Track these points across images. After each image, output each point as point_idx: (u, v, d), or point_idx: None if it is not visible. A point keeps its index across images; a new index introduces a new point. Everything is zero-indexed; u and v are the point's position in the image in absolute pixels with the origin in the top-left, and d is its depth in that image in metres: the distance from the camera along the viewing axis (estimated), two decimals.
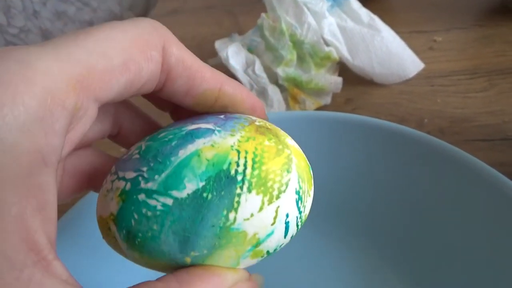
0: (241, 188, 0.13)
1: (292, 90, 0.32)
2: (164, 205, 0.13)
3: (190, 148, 0.13)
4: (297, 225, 0.15)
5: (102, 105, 0.13)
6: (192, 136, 0.14)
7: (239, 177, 0.13)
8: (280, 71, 0.32)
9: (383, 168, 0.25)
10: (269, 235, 0.14)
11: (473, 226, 0.22)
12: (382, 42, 0.33)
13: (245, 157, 0.13)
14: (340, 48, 0.33)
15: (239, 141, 0.14)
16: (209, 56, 0.41)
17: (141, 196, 0.13)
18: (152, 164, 0.13)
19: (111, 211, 0.13)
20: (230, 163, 0.13)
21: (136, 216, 0.13)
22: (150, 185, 0.13)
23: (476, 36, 0.38)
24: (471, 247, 0.22)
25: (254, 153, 0.13)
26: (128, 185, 0.13)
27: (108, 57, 0.12)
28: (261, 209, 0.13)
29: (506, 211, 0.20)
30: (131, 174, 0.13)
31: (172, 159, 0.13)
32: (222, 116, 0.15)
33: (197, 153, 0.13)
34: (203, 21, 0.53)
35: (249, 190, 0.13)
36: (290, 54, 0.31)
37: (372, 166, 0.25)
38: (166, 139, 0.14)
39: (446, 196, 0.23)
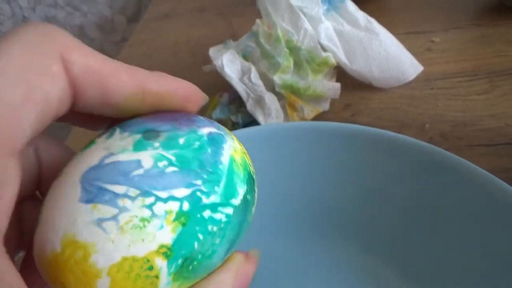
0: (256, 185, 0.14)
1: (289, 97, 0.31)
2: (227, 215, 0.12)
3: (224, 154, 0.13)
4: None
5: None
6: (216, 141, 0.13)
7: (254, 176, 0.14)
8: (277, 78, 0.31)
9: (384, 178, 0.24)
10: None
11: (475, 234, 0.21)
12: (380, 46, 0.32)
13: (249, 159, 0.14)
14: (338, 53, 0.32)
15: (239, 144, 0.14)
16: (204, 61, 0.40)
17: (207, 213, 0.12)
18: (205, 176, 0.12)
19: (162, 243, 0.11)
20: (249, 165, 0.14)
21: (201, 237, 0.12)
22: (213, 198, 0.12)
23: (475, 36, 0.37)
24: (473, 254, 0.21)
25: (247, 156, 0.15)
26: (186, 205, 0.12)
27: (3, 100, 0.10)
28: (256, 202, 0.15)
29: (507, 217, 0.20)
30: (183, 192, 0.12)
31: (220, 167, 0.13)
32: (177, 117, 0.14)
33: (232, 159, 0.13)
34: (196, 24, 0.52)
35: (256, 186, 0.14)
36: (286, 61, 0.30)
37: (372, 176, 0.24)
38: (195, 145, 0.13)
39: (448, 205, 0.22)
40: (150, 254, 0.11)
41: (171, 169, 0.12)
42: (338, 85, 0.32)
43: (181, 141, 0.13)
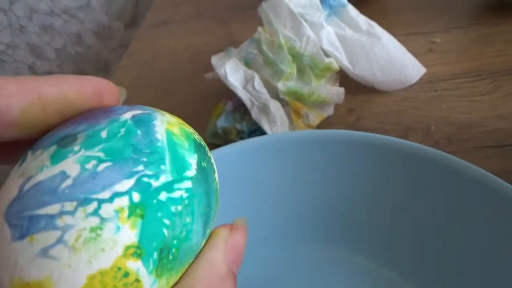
0: (208, 151, 0.14)
1: (294, 104, 0.31)
2: (187, 190, 0.12)
3: (158, 130, 0.12)
4: None
5: None
6: (144, 121, 0.12)
7: (203, 143, 0.14)
8: (281, 85, 0.31)
9: (392, 186, 0.24)
10: None
11: (480, 236, 0.21)
12: (382, 49, 0.32)
13: (190, 128, 0.14)
14: (340, 58, 0.32)
15: (173, 117, 0.14)
16: (205, 68, 0.40)
17: (163, 195, 0.11)
18: (144, 159, 0.11)
19: (126, 244, 0.10)
20: (191, 133, 0.13)
21: (167, 222, 0.11)
22: (163, 178, 0.11)
23: (476, 36, 0.37)
24: (478, 257, 0.21)
25: (187, 125, 0.14)
26: (136, 196, 0.11)
27: None
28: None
29: None
30: (126, 184, 0.11)
31: (159, 144, 0.12)
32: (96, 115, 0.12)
33: (170, 132, 0.12)
34: (195, 30, 0.52)
35: (209, 152, 0.14)
36: (290, 68, 0.30)
37: (374, 180, 0.24)
38: (121, 132, 0.12)
39: (451, 207, 0.23)
40: (119, 261, 0.10)
41: (103, 165, 0.11)
42: (342, 90, 0.32)
43: (103, 134, 0.11)
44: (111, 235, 0.10)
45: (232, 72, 0.31)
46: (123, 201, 0.10)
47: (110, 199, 0.10)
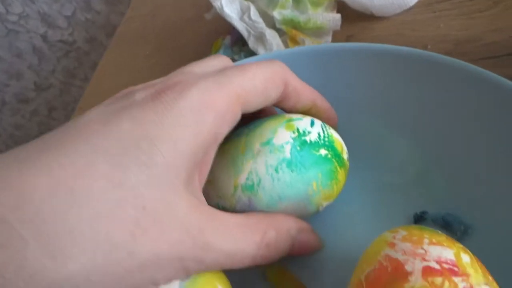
0: None
1: (290, 32, 0.31)
2: None
3: None
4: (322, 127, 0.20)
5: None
6: None
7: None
8: (277, 14, 0.31)
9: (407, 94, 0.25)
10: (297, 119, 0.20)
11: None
12: None
13: None
14: None
15: None
16: (206, 10, 0.40)
17: None
18: None
19: None
20: None
21: None
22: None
23: None
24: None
25: None
26: None
27: (255, 86, 0.18)
28: None
29: None
30: None
31: None
32: None
33: None
34: None
35: None
36: None
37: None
38: None
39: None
40: None
41: None
42: (338, 16, 0.32)
43: None
44: None
45: (228, 4, 0.31)
46: None
47: None
